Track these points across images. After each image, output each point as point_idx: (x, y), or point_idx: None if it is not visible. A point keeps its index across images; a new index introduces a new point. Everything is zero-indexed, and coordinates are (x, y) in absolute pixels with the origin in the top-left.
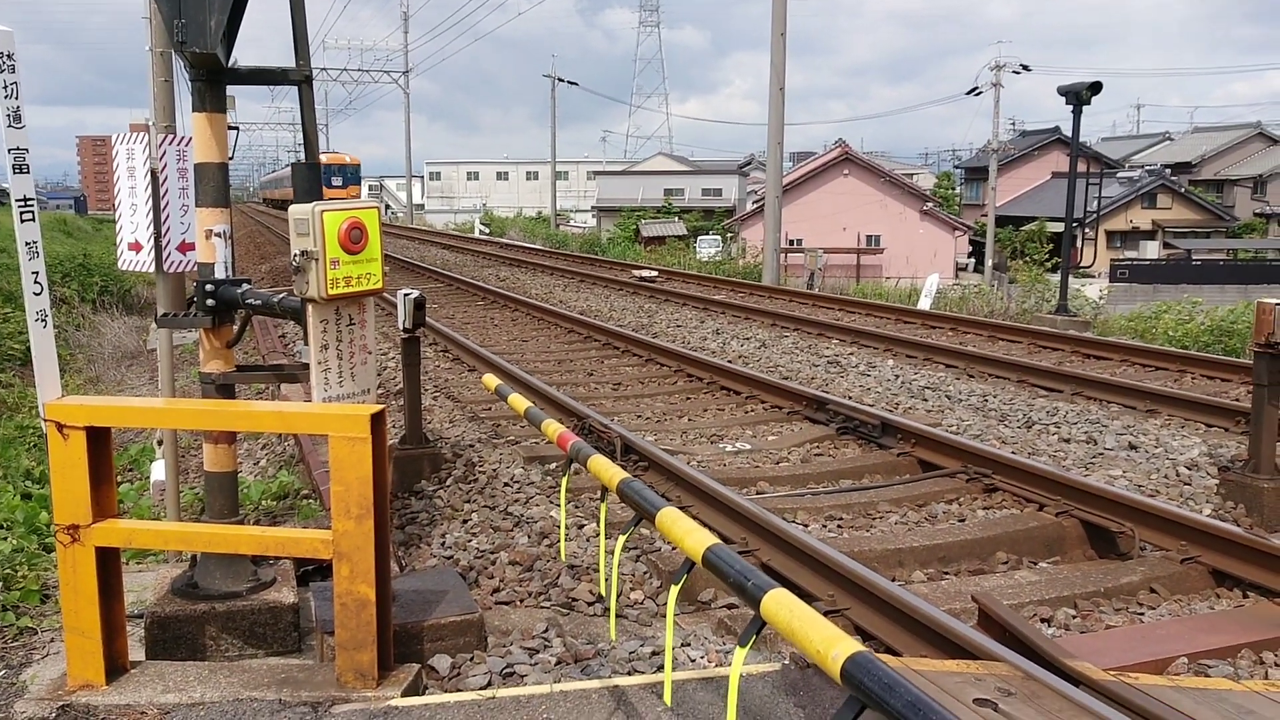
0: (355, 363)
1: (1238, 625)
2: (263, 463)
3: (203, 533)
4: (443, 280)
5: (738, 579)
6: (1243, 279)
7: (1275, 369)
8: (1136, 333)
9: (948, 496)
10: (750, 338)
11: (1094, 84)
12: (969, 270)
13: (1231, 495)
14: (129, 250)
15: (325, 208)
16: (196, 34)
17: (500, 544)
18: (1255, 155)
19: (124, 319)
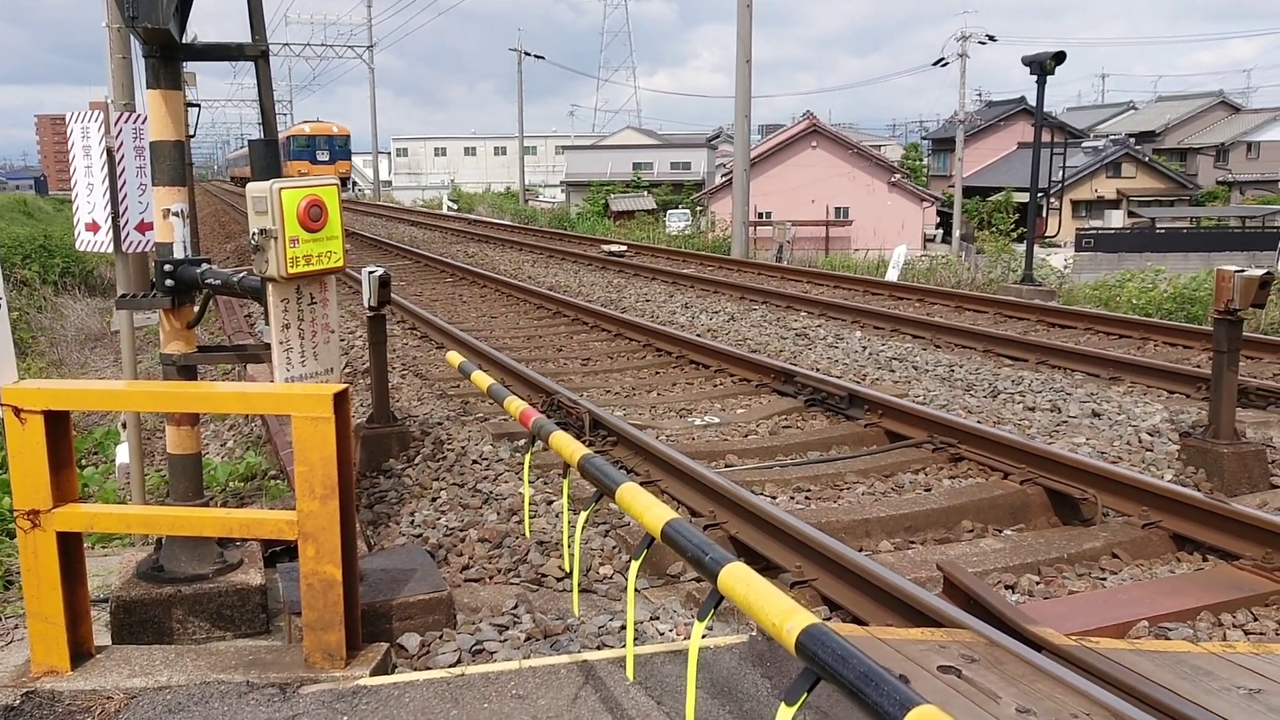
0: (318, 342)
1: (1197, 588)
2: (229, 444)
3: (166, 516)
4: (410, 257)
5: (695, 553)
6: (1206, 246)
7: (1235, 335)
8: (1101, 301)
9: (914, 466)
10: (719, 311)
11: (1058, 54)
12: (937, 241)
13: (1192, 460)
14: (86, 231)
15: (284, 185)
16: (149, 9)
17: (469, 521)
18: (1218, 124)
19: (87, 301)
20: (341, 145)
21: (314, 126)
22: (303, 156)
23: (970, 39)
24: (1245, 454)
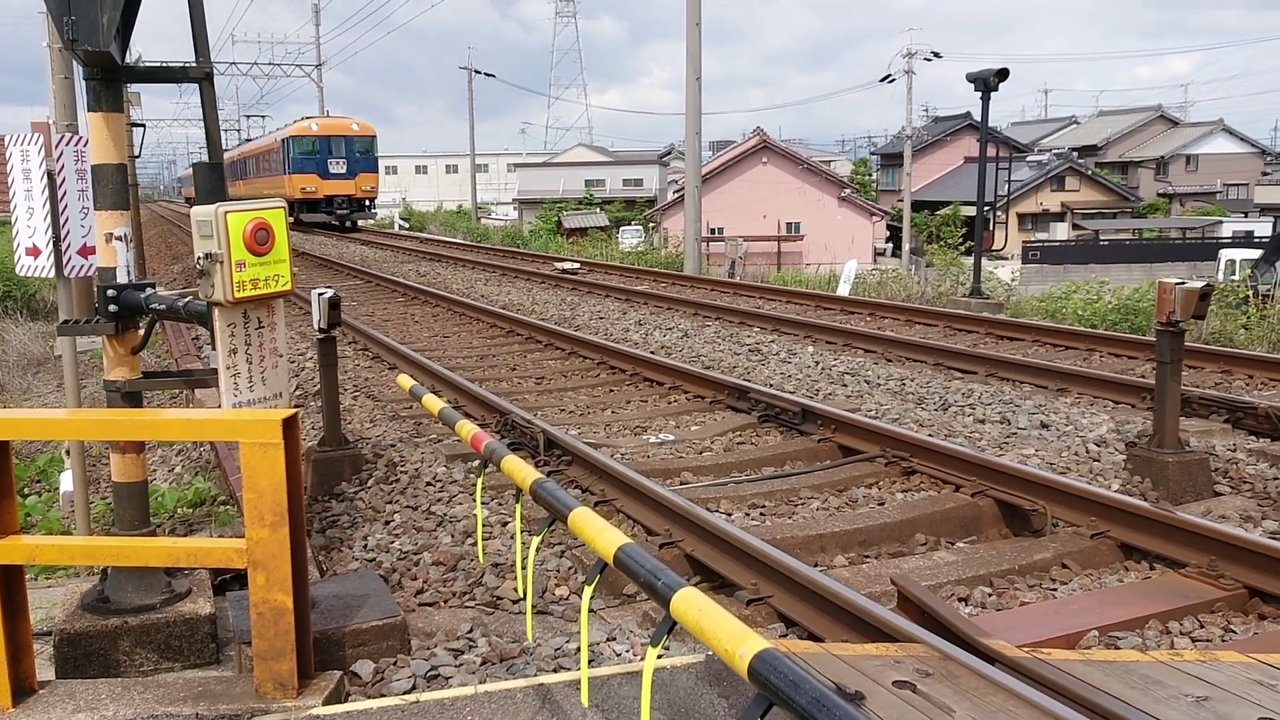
0: (266, 366)
1: (1145, 597)
2: (178, 469)
3: (111, 546)
4: (361, 277)
5: (648, 578)
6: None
7: (1177, 346)
8: (1047, 313)
9: (867, 481)
10: (673, 328)
11: (1001, 70)
12: (887, 255)
13: (1138, 470)
14: (27, 255)
15: (229, 208)
16: (88, 31)
17: (423, 544)
18: (1157, 137)
19: (29, 325)
20: (364, 150)
21: (325, 123)
22: (307, 168)
23: (916, 56)
24: (1189, 462)
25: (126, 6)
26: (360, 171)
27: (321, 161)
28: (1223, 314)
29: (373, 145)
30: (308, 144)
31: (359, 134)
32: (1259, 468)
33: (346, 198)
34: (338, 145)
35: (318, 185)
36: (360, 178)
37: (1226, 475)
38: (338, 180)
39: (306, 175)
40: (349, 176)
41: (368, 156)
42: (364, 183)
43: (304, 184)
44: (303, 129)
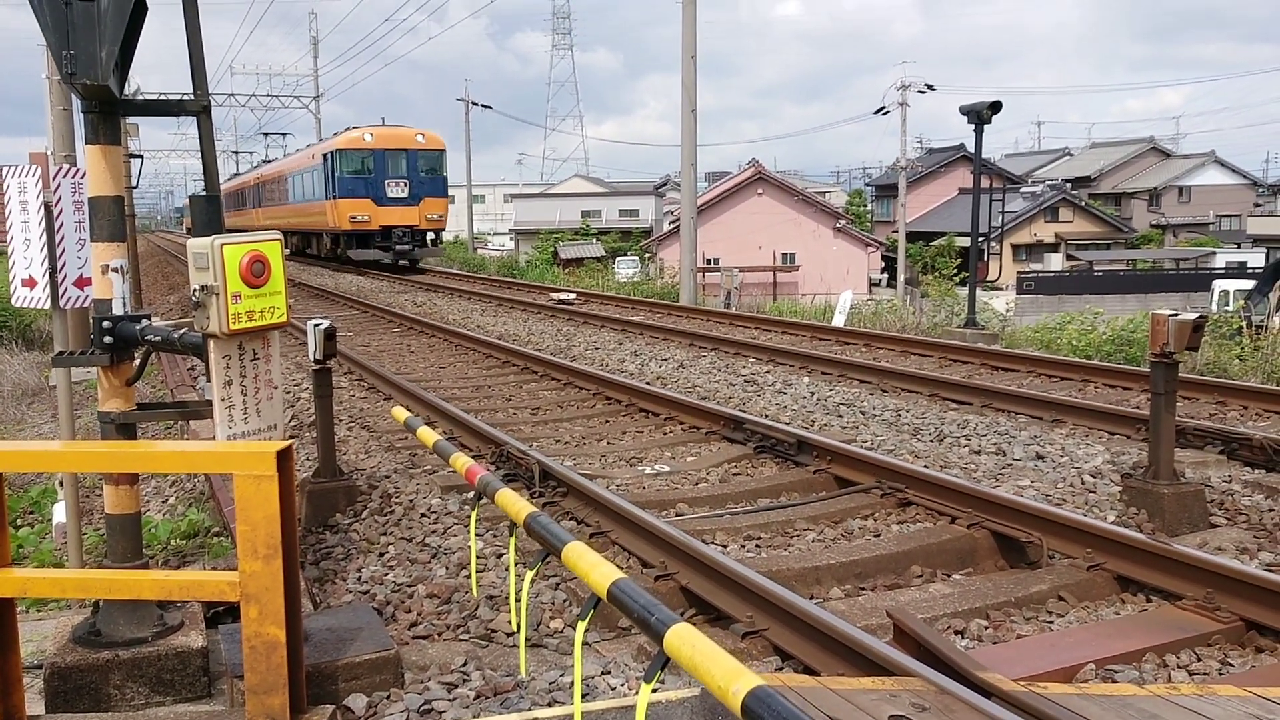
0: (260, 398)
1: (1142, 630)
2: (171, 500)
3: (103, 579)
4: (357, 307)
5: (641, 614)
6: (1142, 288)
7: (1171, 377)
8: (1042, 344)
9: (863, 512)
10: (668, 358)
11: (994, 103)
12: (882, 285)
13: (1134, 501)
14: (23, 286)
15: (225, 240)
16: (87, 65)
17: (417, 577)
18: (1150, 169)
19: (24, 355)
20: (431, 169)
21: (383, 134)
22: (359, 190)
23: (910, 88)
24: (1185, 494)
25: (125, 40)
26: (426, 195)
27: (377, 183)
28: (1217, 345)
29: (441, 162)
30: (359, 160)
31: (425, 147)
32: (1255, 499)
33: (408, 229)
34: (398, 161)
35: (371, 213)
36: (425, 204)
37: (1222, 507)
38: (397, 206)
39: (357, 200)
40: (412, 202)
41: (435, 177)
42: (430, 209)
43: (354, 211)
44: (353, 140)
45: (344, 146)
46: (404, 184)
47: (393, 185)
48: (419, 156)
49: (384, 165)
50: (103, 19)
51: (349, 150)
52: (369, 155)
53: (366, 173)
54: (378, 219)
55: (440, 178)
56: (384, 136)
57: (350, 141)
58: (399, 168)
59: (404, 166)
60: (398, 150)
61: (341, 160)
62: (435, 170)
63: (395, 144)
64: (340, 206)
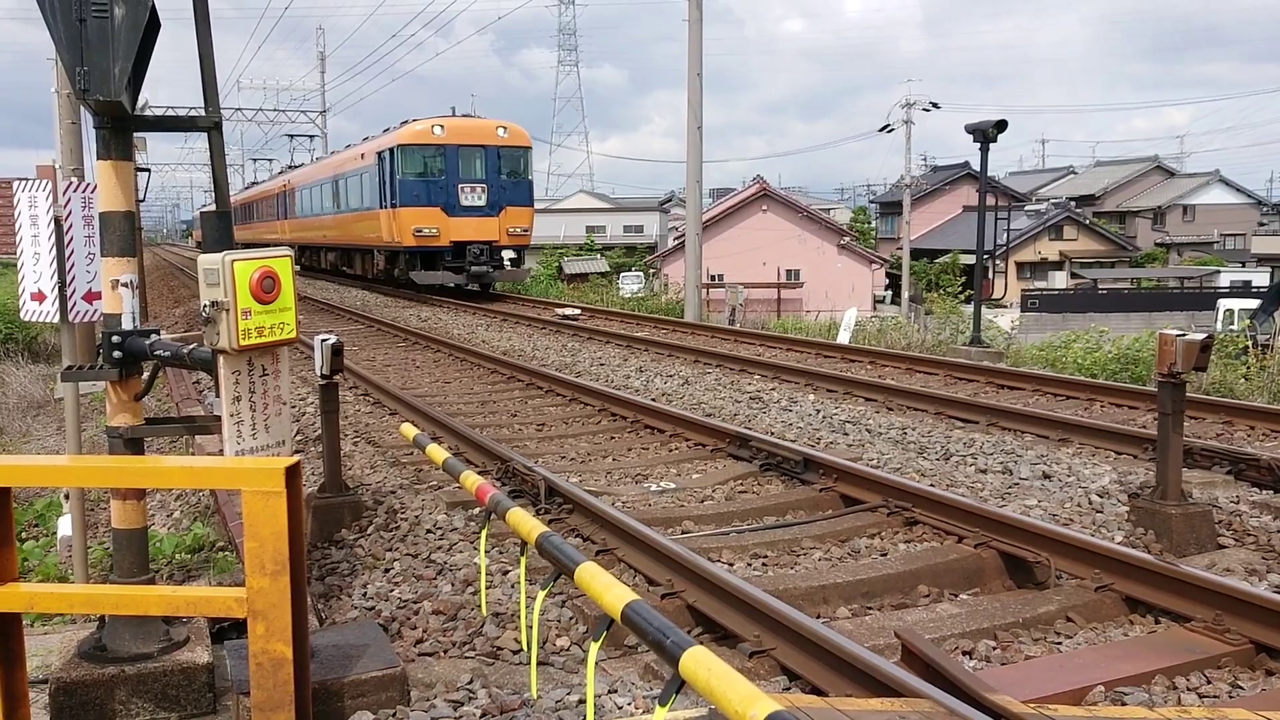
0: (269, 414)
1: (1151, 652)
2: (176, 514)
3: (110, 594)
4: (362, 322)
5: (656, 637)
6: (1147, 307)
7: (1178, 398)
8: (1047, 362)
9: (870, 531)
10: (673, 375)
11: (999, 122)
12: (886, 303)
13: (1141, 521)
14: (32, 300)
15: (236, 257)
16: (100, 82)
17: (423, 593)
18: (1154, 187)
19: (30, 367)
20: (515, 171)
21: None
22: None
23: (915, 106)
24: (1192, 515)
25: (138, 57)
26: (508, 204)
27: (448, 187)
28: (1222, 364)
29: (526, 162)
30: (427, 158)
31: (507, 143)
32: (1263, 520)
33: (486, 245)
34: (474, 161)
35: (442, 225)
36: (507, 214)
37: (1230, 528)
38: (473, 217)
39: (423, 209)
40: (490, 211)
41: (519, 180)
42: (513, 221)
43: (419, 223)
44: (419, 134)
45: (407, 141)
46: (481, 189)
47: (468, 190)
48: (500, 155)
49: (457, 165)
50: (116, 36)
51: (414, 147)
52: (439, 153)
53: (435, 175)
54: (448, 233)
55: (525, 182)
56: (458, 129)
57: (415, 135)
58: (475, 169)
59: (481, 167)
60: (474, 147)
61: (404, 159)
62: (519, 172)
63: (471, 138)
64: (402, 217)
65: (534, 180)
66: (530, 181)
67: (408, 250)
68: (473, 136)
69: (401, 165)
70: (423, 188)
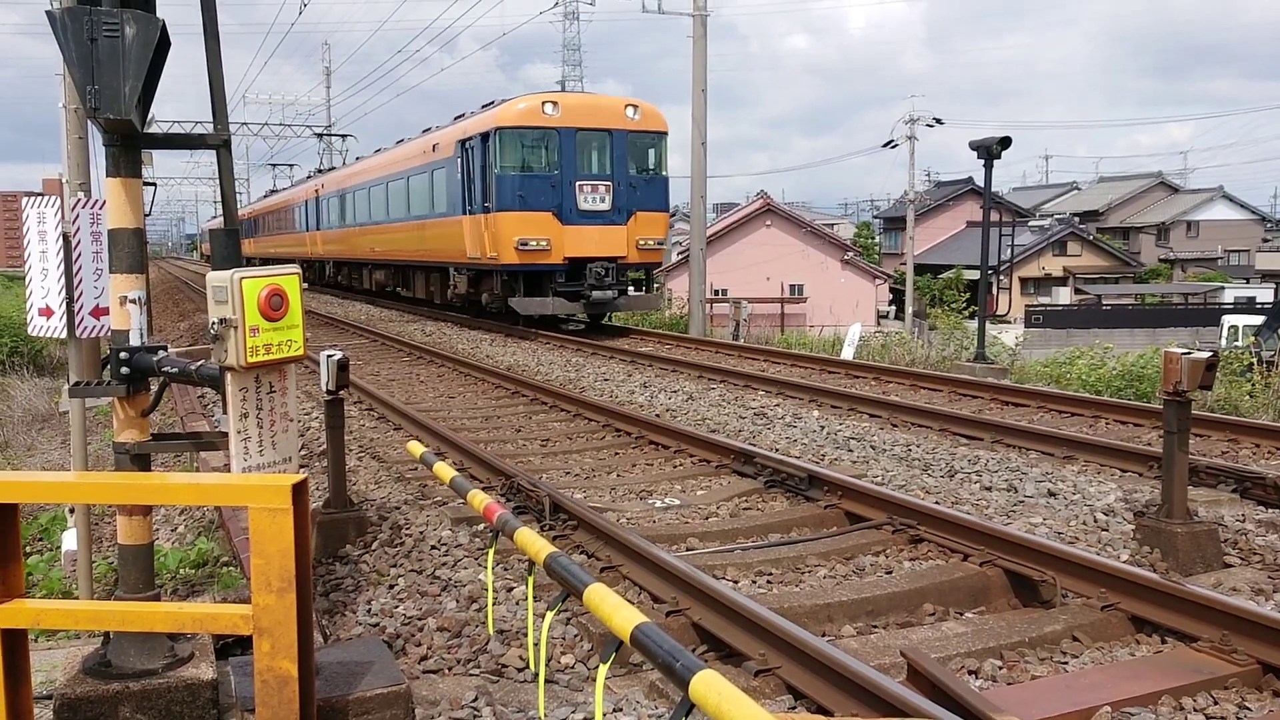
0: (276, 431)
1: (1158, 672)
2: (180, 529)
3: (116, 611)
4: (366, 336)
5: (666, 660)
6: (1151, 323)
7: (1184, 416)
8: (1052, 378)
9: (875, 548)
10: (678, 390)
11: (1003, 139)
12: (890, 318)
13: (1147, 540)
14: (40, 316)
15: (244, 274)
16: (111, 100)
17: (428, 610)
18: (1158, 203)
19: (35, 380)
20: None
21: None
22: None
23: (918, 122)
24: (1198, 533)
25: (148, 75)
26: (638, 208)
27: (563, 186)
28: (1227, 381)
29: (661, 153)
30: (534, 147)
31: (639, 127)
32: (1269, 539)
33: (611, 263)
34: (596, 150)
35: (554, 236)
36: (637, 221)
37: (1236, 546)
38: (595, 225)
39: (530, 215)
40: (617, 218)
41: (653, 178)
42: (644, 231)
43: (525, 232)
44: (526, 114)
45: (510, 123)
46: (605, 189)
47: (588, 191)
48: (629, 142)
49: (574, 156)
50: (127, 55)
51: (518, 131)
52: (551, 139)
53: (546, 169)
54: (562, 246)
55: (659, 180)
56: (576, 109)
57: (521, 115)
58: (598, 161)
59: (606, 159)
60: (596, 132)
61: (504, 147)
62: (651, 167)
63: (593, 120)
64: (501, 225)
65: (669, 177)
66: (665, 179)
67: (506, 269)
68: (595, 118)
69: (500, 155)
70: (530, 186)
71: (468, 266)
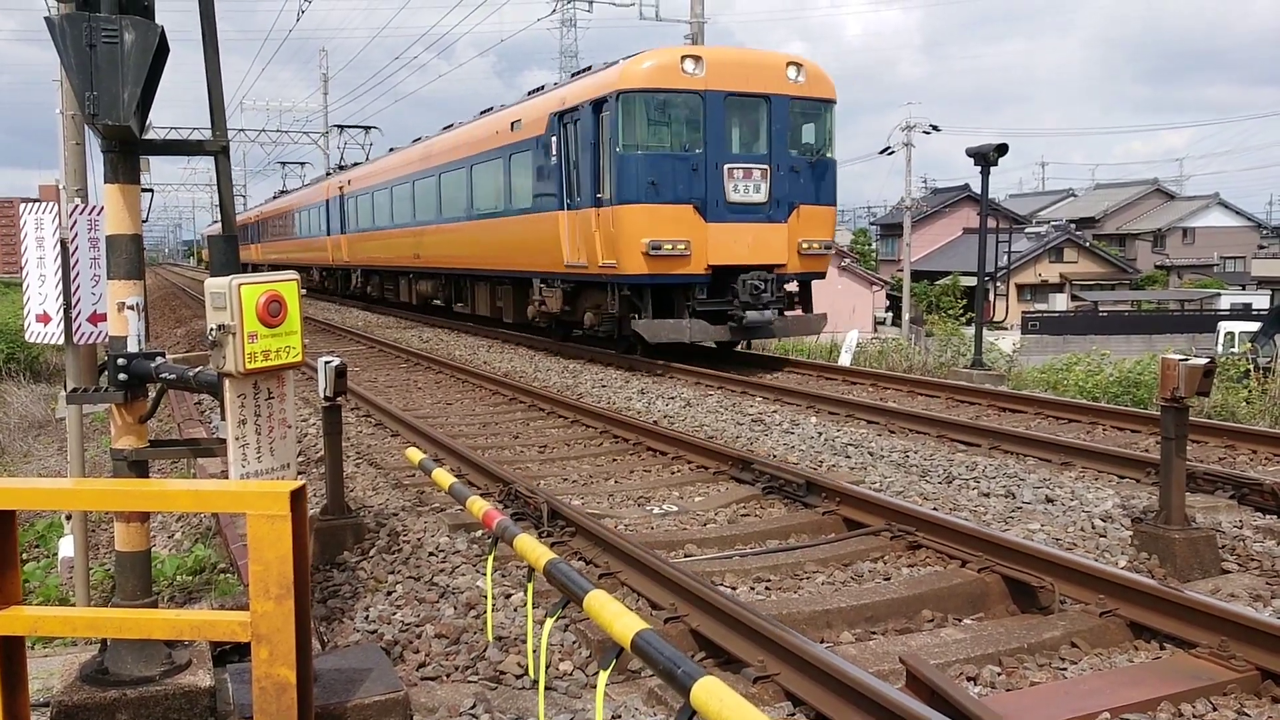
0: (274, 437)
1: (1157, 678)
2: (177, 535)
3: (113, 618)
4: (364, 342)
5: (667, 666)
6: (1147, 329)
7: (1181, 422)
8: (1049, 384)
9: (873, 555)
10: (675, 397)
11: (1000, 146)
12: (887, 324)
13: (1145, 546)
14: (37, 322)
15: (243, 281)
16: (109, 106)
17: (426, 616)
18: (1154, 210)
19: (31, 387)
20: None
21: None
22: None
23: (915, 129)
24: (1196, 539)
25: (147, 82)
26: (801, 200)
27: (706, 169)
28: (1224, 387)
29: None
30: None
31: (804, 92)
32: (1266, 545)
33: (768, 272)
34: (750, 123)
35: (694, 237)
36: (800, 218)
37: (1234, 552)
38: (748, 223)
39: (662, 208)
40: (776, 214)
41: (820, 162)
42: (809, 231)
43: (658, 231)
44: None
45: (637, 85)
46: (760, 175)
47: (739, 177)
48: (791, 113)
49: (722, 130)
50: (126, 61)
51: (648, 95)
52: (691, 107)
53: (686, 147)
54: (704, 250)
55: (826, 164)
56: (724, 67)
57: (652, 75)
58: (752, 137)
59: (762, 134)
60: (751, 98)
61: (627, 116)
62: (817, 147)
63: (746, 82)
64: (625, 223)
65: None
66: (834, 163)
67: (628, 281)
68: (748, 79)
69: (623, 129)
70: (664, 171)
71: (563, 277)
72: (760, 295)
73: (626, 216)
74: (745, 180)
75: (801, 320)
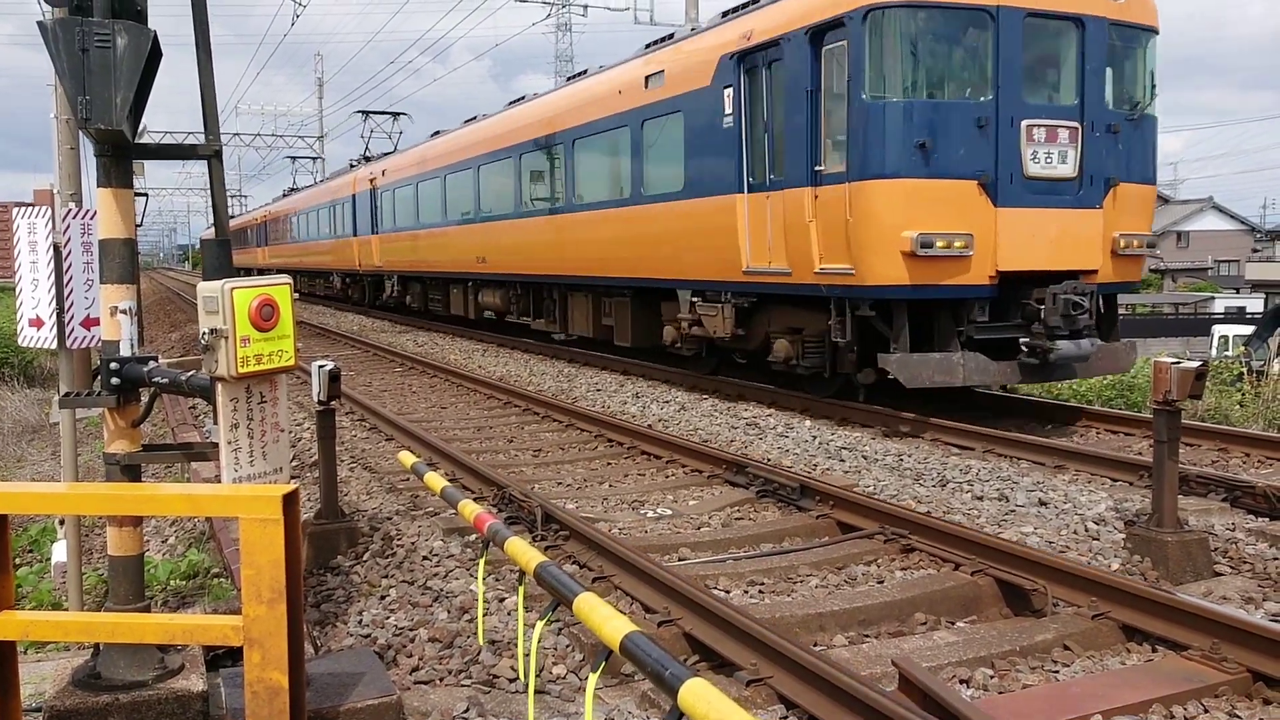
0: (267, 441)
1: (1149, 680)
2: (171, 540)
3: (106, 623)
4: (359, 347)
5: (655, 668)
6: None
7: (1174, 425)
8: (1042, 387)
9: (866, 558)
10: (670, 401)
11: None
12: None
13: (1138, 549)
14: (30, 326)
15: (235, 285)
16: (102, 110)
17: (419, 620)
18: None
19: (25, 391)
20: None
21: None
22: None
23: None
24: (1188, 542)
25: (139, 86)
26: (1118, 175)
27: (996, 126)
28: (1217, 391)
29: (1149, 64)
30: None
31: (1122, 16)
32: (1258, 548)
33: (1073, 279)
34: (1049, 58)
35: (978, 230)
36: (1116, 200)
37: (1226, 555)
38: (1049, 208)
39: (934, 184)
40: (1089, 196)
41: (1140, 118)
42: (1126, 219)
43: (926, 221)
44: None
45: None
46: (1069, 136)
47: (1040, 138)
48: (1111, 47)
49: (1016, 69)
50: (118, 66)
51: (910, 11)
52: (978, 28)
53: (970, 92)
54: (993, 249)
55: (1149, 120)
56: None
57: None
58: (1054, 79)
59: (1070, 77)
60: (1058, 21)
61: (877, 44)
62: (1139, 98)
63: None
64: (878, 205)
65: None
66: (1155, 121)
67: (879, 295)
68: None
69: (870, 64)
70: (939, 126)
71: (739, 288)
72: (1077, 317)
73: (878, 197)
74: (1049, 144)
75: (1110, 351)
